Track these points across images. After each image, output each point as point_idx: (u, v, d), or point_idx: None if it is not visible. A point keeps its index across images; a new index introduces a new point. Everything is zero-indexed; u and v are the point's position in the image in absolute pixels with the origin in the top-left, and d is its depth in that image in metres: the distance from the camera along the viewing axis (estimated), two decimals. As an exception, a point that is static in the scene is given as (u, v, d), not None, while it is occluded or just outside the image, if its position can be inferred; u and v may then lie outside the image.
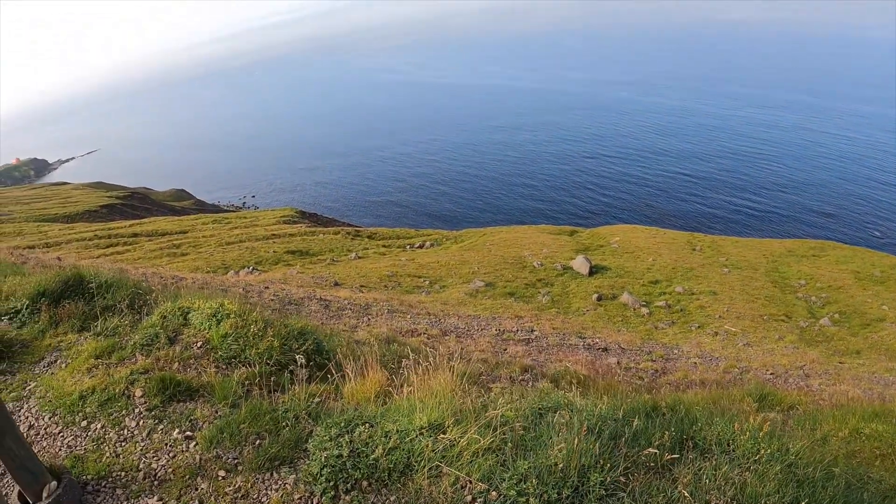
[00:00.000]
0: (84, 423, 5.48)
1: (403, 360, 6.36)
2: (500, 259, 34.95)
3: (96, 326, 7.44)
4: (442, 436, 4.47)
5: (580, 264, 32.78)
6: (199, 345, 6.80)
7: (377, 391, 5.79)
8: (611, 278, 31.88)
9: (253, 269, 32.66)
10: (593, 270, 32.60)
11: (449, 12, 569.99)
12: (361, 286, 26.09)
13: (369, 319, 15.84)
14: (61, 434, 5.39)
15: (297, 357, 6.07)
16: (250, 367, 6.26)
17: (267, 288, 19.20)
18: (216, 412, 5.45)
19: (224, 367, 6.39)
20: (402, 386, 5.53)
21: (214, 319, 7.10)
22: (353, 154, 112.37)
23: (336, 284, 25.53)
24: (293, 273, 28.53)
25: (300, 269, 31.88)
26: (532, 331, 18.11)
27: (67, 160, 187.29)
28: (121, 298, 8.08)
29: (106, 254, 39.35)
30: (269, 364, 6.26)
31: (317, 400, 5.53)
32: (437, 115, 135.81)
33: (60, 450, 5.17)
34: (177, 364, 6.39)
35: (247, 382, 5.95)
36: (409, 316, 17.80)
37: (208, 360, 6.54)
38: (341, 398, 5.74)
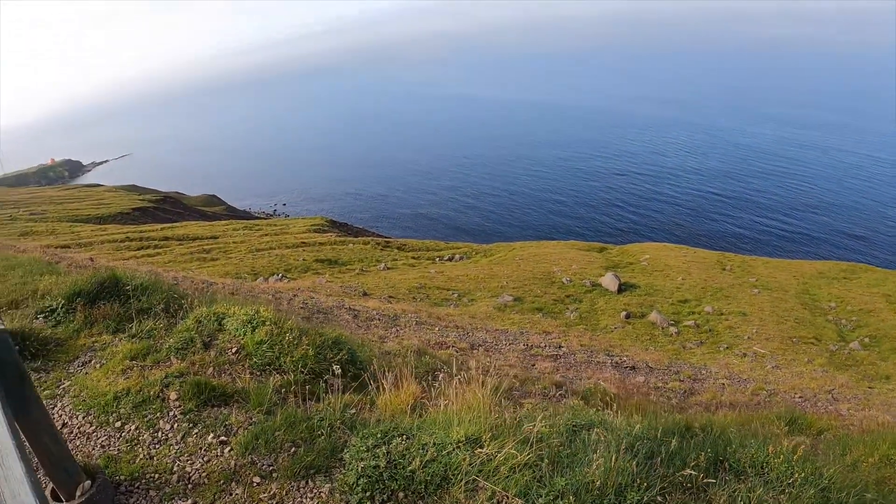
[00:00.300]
0: (118, 424, 5.53)
1: (436, 372, 6.38)
2: (529, 274, 34.91)
3: (131, 328, 7.51)
4: (479, 450, 4.45)
5: (609, 281, 32.69)
6: (233, 350, 6.83)
7: (412, 403, 5.77)
8: (640, 296, 31.74)
9: (282, 276, 32.83)
10: (622, 288, 32.49)
11: (490, 28, 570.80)
12: (390, 297, 26.17)
13: (398, 330, 15.85)
14: (95, 434, 5.44)
15: (332, 367, 6.09)
16: (284, 374, 6.31)
17: (296, 296, 19.30)
18: (251, 418, 5.47)
19: (258, 373, 6.43)
20: (436, 398, 5.56)
21: (250, 326, 7.13)
22: (386, 166, 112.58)
23: (365, 294, 25.62)
24: (322, 282, 28.65)
25: (329, 278, 32.01)
26: (560, 347, 18.10)
27: (101, 163, 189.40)
28: (156, 302, 8.18)
29: (137, 256, 39.54)
30: (303, 372, 6.30)
31: (352, 410, 5.52)
32: (472, 130, 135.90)
33: (94, 449, 5.22)
34: (211, 369, 6.42)
35: (282, 390, 5.97)
36: (437, 328, 17.83)
37: (243, 366, 6.59)
38: (376, 409, 5.74)
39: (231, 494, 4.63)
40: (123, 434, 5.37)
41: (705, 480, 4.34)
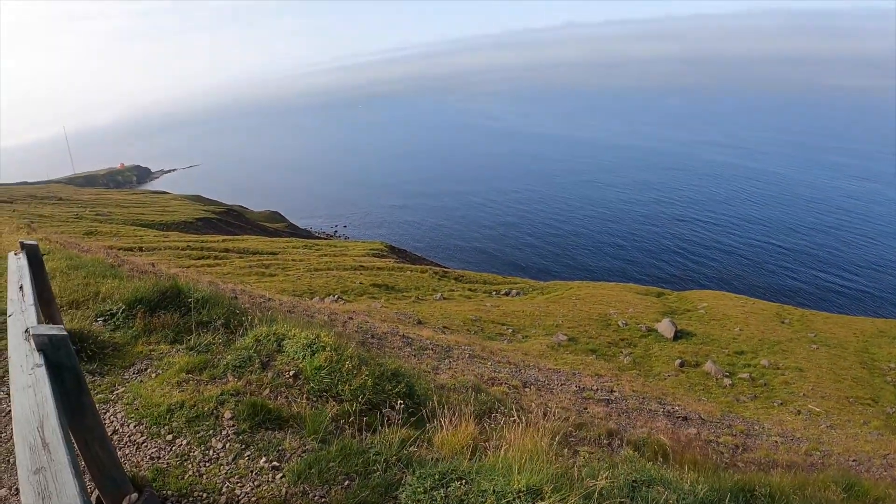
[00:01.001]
0: (169, 437, 5.52)
1: (493, 412, 6.41)
2: (584, 314, 34.74)
3: (189, 340, 7.58)
4: (540, 502, 4.29)
5: (665, 328, 32.40)
6: (291, 373, 6.83)
7: (469, 443, 5.66)
8: (695, 345, 31.38)
9: (338, 297, 33.11)
10: (678, 335, 32.18)
11: (552, 62, 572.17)
12: (444, 327, 26.26)
13: (451, 362, 15.80)
14: (145, 444, 5.44)
15: (389, 399, 6.24)
16: (341, 403, 6.30)
17: (351, 318, 19.47)
18: (304, 445, 5.40)
19: (315, 399, 6.42)
20: (495, 439, 5.58)
21: (309, 350, 7.13)
22: (444, 196, 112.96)
23: (419, 323, 25.73)
24: (377, 306, 28.85)
25: (384, 303, 32.21)
26: (612, 391, 17.99)
27: (169, 171, 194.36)
28: (216, 316, 8.27)
29: (197, 265, 40.00)
30: (360, 402, 6.28)
31: (411, 447, 5.41)
32: (531, 165, 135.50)
33: (143, 460, 5.22)
34: (268, 390, 6.41)
35: (338, 419, 5.94)
36: (489, 363, 17.83)
37: (299, 390, 6.56)
38: (433, 447, 5.65)
39: (280, 524, 4.55)
40: (174, 448, 5.39)
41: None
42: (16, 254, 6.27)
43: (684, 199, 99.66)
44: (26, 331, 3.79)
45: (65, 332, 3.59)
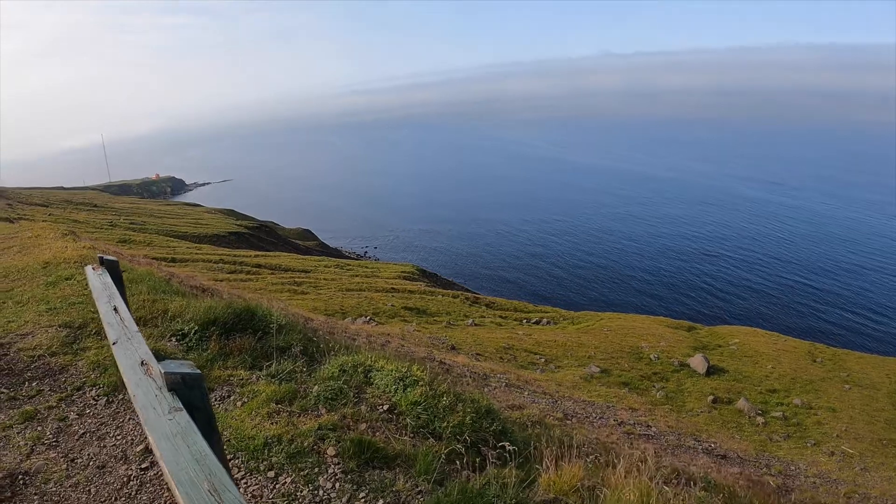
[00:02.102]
0: (271, 474, 5.30)
1: (571, 448, 6.36)
2: (616, 346, 34.70)
3: (270, 367, 7.36)
4: None
5: (698, 363, 32.28)
6: (385, 408, 6.65)
7: (575, 485, 5.57)
8: (727, 381, 31.22)
9: (370, 319, 33.21)
10: (710, 371, 32.03)
11: (586, 91, 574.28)
12: (478, 354, 26.37)
13: (489, 391, 16.01)
14: (244, 480, 5.26)
15: (487, 437, 6.11)
16: (440, 440, 6.12)
17: (389, 342, 19.64)
18: (417, 486, 5.23)
19: (411, 436, 6.21)
20: (600, 482, 5.51)
21: (401, 383, 6.97)
22: (472, 223, 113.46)
23: (453, 349, 25.85)
24: (410, 330, 28.95)
25: (417, 327, 32.28)
26: (649, 426, 18.03)
27: (203, 184, 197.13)
28: (293, 341, 8.13)
29: (229, 279, 40.17)
30: (459, 440, 6.04)
31: (525, 489, 5.28)
32: (561, 194, 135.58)
33: (245, 497, 4.84)
34: (364, 425, 6.15)
35: (441, 458, 5.63)
36: (526, 392, 17.93)
37: (396, 425, 6.35)
38: (537, 488, 5.50)
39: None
40: (278, 486, 5.17)
41: None
42: (94, 269, 6.33)
43: (713, 235, 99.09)
44: (142, 363, 3.78)
45: (198, 371, 3.40)
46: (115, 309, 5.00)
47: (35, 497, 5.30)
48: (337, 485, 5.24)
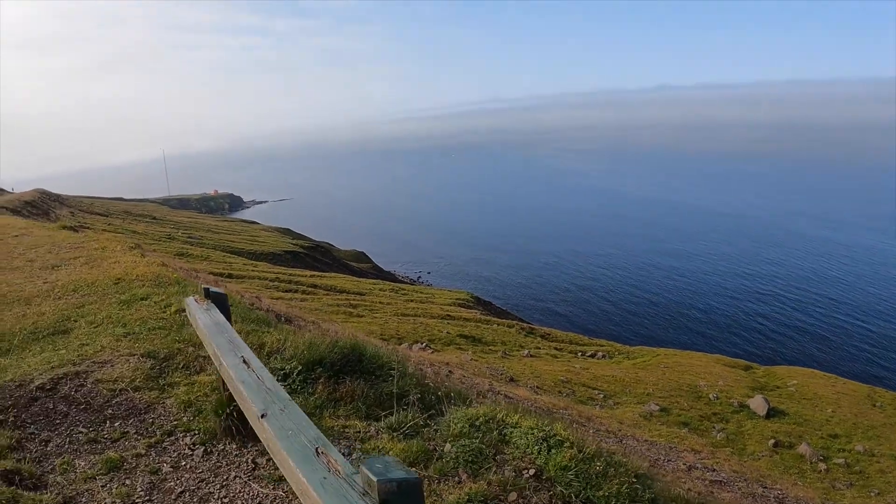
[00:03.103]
0: None
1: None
2: (674, 384, 34.41)
3: (388, 418, 6.53)
4: None
5: (758, 404, 31.83)
6: (531, 473, 5.74)
7: None
8: (788, 424, 30.75)
9: (426, 345, 33.32)
10: (770, 413, 31.58)
11: (642, 123, 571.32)
12: (537, 387, 26.35)
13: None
14: None
15: None
16: None
17: (451, 372, 19.61)
18: None
19: None
20: None
21: (545, 444, 6.03)
22: (522, 253, 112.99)
23: (511, 380, 25.85)
24: (467, 359, 29.05)
25: (473, 356, 32.31)
26: (714, 470, 17.92)
27: (260, 202, 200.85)
28: (408, 387, 7.31)
29: (285, 298, 40.38)
30: None
31: None
32: (612, 226, 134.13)
33: None
34: (514, 495, 5.38)
35: None
36: (590, 430, 17.88)
37: (548, 495, 5.52)
38: None
39: None
40: None
41: None
42: (198, 301, 5.94)
43: (766, 273, 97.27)
44: (317, 451, 2.99)
45: (416, 476, 2.52)
46: (246, 362, 4.30)
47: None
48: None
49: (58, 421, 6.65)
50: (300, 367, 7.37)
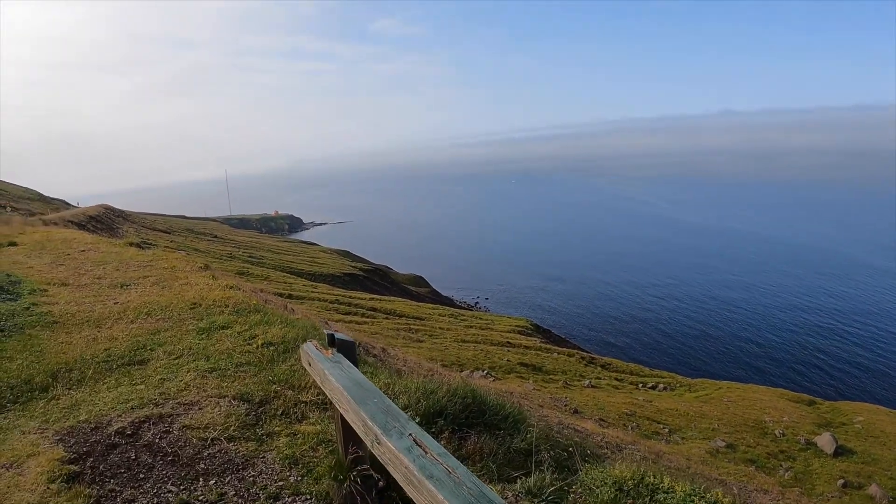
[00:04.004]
0: None
1: None
2: (739, 419, 33.95)
3: (524, 481, 5.49)
4: None
5: (826, 442, 31.24)
6: None
7: None
8: (856, 464, 30.12)
9: (487, 373, 33.37)
10: (838, 451, 30.96)
11: (706, 149, 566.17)
12: (601, 419, 26.24)
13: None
14: None
15: None
16: None
17: (520, 404, 19.74)
18: None
19: None
20: None
21: None
22: (578, 282, 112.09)
23: (576, 412, 25.73)
24: (530, 388, 29.02)
25: (534, 385, 32.29)
26: (788, 512, 17.75)
27: (320, 224, 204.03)
28: (539, 443, 6.62)
29: (344, 321, 41.06)
30: None
31: None
32: (671, 256, 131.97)
33: None
34: None
35: None
36: (661, 468, 17.84)
37: None
38: None
39: None
40: None
41: None
42: (318, 348, 4.86)
43: (828, 307, 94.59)
44: None
45: None
46: (419, 443, 3.17)
47: None
48: None
49: (142, 475, 5.86)
50: (418, 420, 5.62)
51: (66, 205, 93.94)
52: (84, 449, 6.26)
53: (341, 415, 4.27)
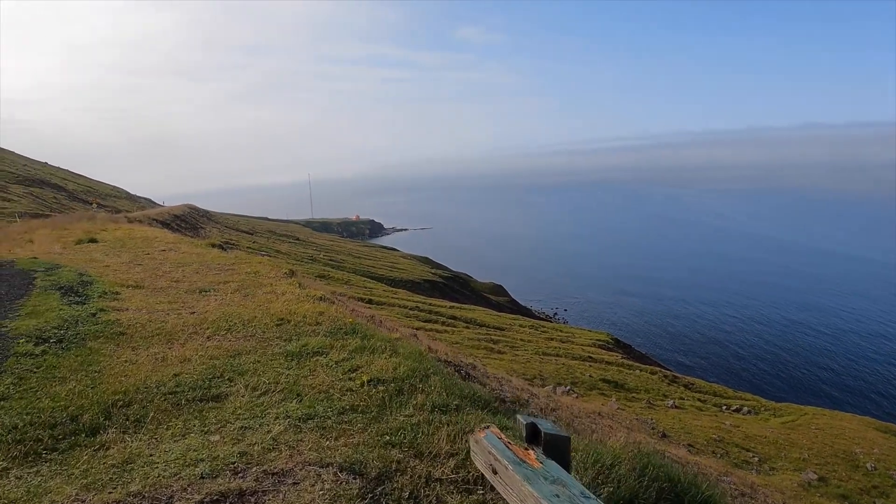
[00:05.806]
0: None
1: None
2: (829, 449, 33.35)
3: None
4: None
5: (919, 480, 30.67)
6: None
7: None
8: (952, 503, 29.53)
9: (569, 389, 33.25)
10: (932, 490, 30.38)
11: (790, 162, 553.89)
12: (689, 445, 26.11)
13: (733, 501, 15.91)
14: None
15: None
16: None
17: (612, 427, 19.74)
18: None
19: None
20: None
21: None
22: (650, 299, 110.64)
23: (664, 436, 25.58)
24: (613, 406, 28.91)
25: (617, 403, 32.14)
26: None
27: (400, 230, 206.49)
28: None
29: (425, 328, 41.16)
30: None
31: None
32: (751, 274, 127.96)
33: None
34: None
35: None
36: (758, 503, 17.83)
37: None
38: None
39: None
40: None
41: None
42: (503, 441, 3.44)
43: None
44: None
45: None
46: None
47: None
48: None
49: None
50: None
51: (152, 203, 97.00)
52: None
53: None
